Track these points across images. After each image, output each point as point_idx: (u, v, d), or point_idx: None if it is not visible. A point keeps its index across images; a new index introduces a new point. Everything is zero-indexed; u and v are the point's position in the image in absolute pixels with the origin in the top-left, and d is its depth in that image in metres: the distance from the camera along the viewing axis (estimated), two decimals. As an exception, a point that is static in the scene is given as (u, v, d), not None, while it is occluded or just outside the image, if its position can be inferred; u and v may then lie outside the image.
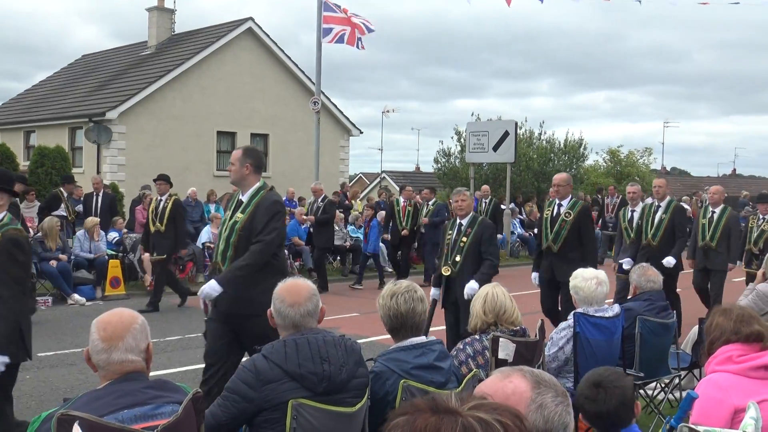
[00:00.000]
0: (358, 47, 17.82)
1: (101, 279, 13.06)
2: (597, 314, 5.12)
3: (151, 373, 2.91)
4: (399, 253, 15.70)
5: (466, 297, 7.02)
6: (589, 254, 8.34)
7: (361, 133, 29.32)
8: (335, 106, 27.89)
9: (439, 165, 29.92)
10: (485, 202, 17.56)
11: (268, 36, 26.35)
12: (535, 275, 8.76)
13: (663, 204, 9.67)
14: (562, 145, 29.02)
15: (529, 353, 4.40)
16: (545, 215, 8.68)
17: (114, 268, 13.11)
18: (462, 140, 27.84)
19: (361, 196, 26.17)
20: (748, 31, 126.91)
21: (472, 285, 7.05)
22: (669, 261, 9.20)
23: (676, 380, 6.37)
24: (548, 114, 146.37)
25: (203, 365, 5.41)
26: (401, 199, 15.69)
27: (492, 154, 20.31)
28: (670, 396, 6.32)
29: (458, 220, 7.61)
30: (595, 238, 8.71)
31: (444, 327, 7.74)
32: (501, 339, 4.32)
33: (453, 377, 3.71)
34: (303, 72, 26.84)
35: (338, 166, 28.06)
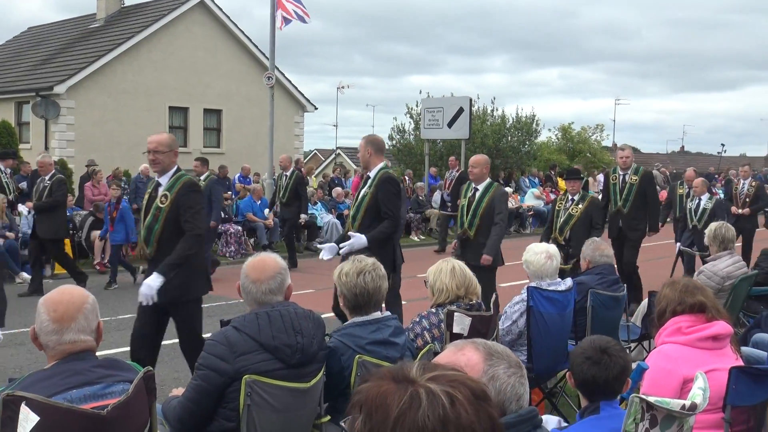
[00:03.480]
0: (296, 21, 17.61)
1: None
2: (550, 288, 5.18)
3: (103, 352, 2.86)
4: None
5: None
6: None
7: (316, 109, 29.10)
8: (290, 81, 27.60)
9: (394, 142, 29.87)
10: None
11: (220, 9, 25.87)
12: None
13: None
14: (514, 122, 29.19)
15: (483, 327, 4.43)
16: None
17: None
18: (413, 117, 27.81)
19: (316, 172, 25.96)
20: (696, 9, 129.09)
21: None
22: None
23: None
24: (502, 90, 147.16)
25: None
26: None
27: (447, 131, 20.31)
28: (621, 368, 6.44)
29: None
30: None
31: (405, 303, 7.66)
32: (456, 313, 4.33)
33: (408, 352, 3.73)
34: (257, 47, 26.45)
35: (293, 142, 27.82)
